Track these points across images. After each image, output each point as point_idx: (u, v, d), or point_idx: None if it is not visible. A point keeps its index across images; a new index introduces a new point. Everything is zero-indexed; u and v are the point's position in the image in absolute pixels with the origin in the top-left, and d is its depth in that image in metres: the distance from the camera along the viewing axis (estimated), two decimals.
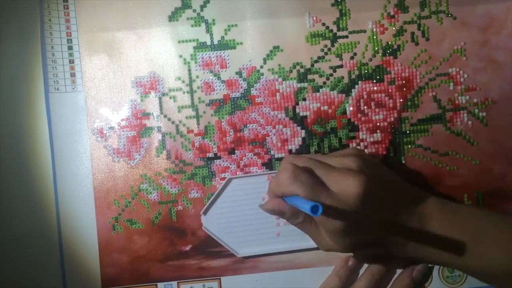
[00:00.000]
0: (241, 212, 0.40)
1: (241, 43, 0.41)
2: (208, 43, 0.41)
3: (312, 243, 0.38)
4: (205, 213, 0.40)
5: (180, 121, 0.41)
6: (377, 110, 0.41)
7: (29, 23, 0.40)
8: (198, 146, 0.41)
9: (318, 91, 0.41)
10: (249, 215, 0.40)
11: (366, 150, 0.41)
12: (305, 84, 0.41)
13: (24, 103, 0.40)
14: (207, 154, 0.41)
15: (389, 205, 0.34)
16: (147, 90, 0.41)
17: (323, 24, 0.41)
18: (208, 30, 0.41)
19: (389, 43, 0.41)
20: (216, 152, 0.41)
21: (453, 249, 0.34)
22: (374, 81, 0.41)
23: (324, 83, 0.41)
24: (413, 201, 0.35)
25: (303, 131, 0.41)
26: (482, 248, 0.34)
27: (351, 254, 0.39)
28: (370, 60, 0.41)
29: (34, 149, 0.40)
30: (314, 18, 0.41)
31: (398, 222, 0.34)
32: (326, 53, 0.41)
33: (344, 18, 0.41)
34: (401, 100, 0.41)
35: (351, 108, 0.41)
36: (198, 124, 0.41)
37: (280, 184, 0.34)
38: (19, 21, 0.40)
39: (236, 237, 0.40)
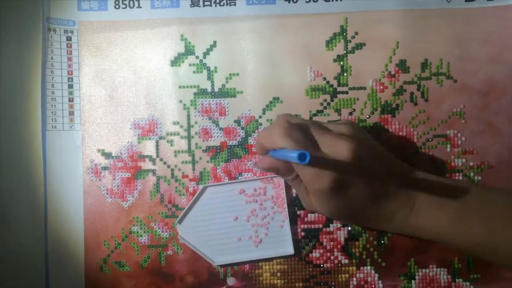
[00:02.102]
0: (217, 220, 0.40)
1: (242, 92, 0.41)
2: (209, 90, 0.41)
3: (288, 250, 0.40)
4: (180, 221, 0.40)
5: (175, 166, 0.41)
6: None
7: (31, 60, 0.40)
8: (192, 191, 0.41)
9: None
10: (225, 223, 0.40)
11: None
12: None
13: (21, 140, 0.40)
14: None
15: (378, 175, 0.34)
16: (145, 132, 0.41)
17: (324, 79, 0.41)
18: (210, 77, 0.41)
19: (388, 101, 0.41)
20: None
21: (438, 224, 0.34)
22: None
23: None
24: (402, 175, 0.36)
25: None
26: (465, 222, 0.34)
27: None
28: (368, 117, 0.41)
29: (28, 186, 0.40)
30: (315, 72, 0.41)
31: (386, 194, 0.34)
32: (325, 107, 0.41)
33: (345, 74, 0.41)
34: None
35: None
36: (193, 169, 0.41)
37: (272, 138, 0.33)
38: (21, 57, 0.40)
39: (212, 246, 0.40)
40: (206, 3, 0.41)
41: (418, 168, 0.37)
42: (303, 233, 0.41)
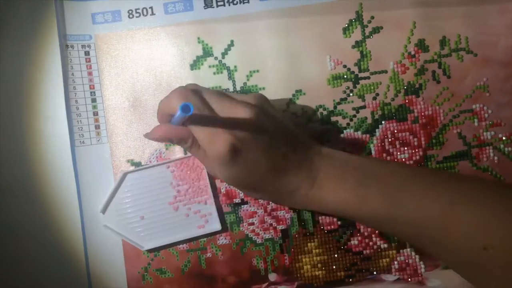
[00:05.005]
0: (141, 206, 0.40)
1: (264, 88, 0.41)
2: (231, 89, 0.41)
3: (215, 227, 0.40)
4: (103, 211, 0.40)
5: None
6: (402, 149, 0.41)
7: (53, 79, 0.40)
8: (224, 192, 0.41)
9: (342, 132, 0.41)
10: (149, 208, 0.40)
11: None
12: (329, 126, 0.41)
13: (51, 160, 0.40)
14: (234, 200, 0.41)
15: (281, 147, 0.34)
16: None
17: (344, 66, 0.41)
18: (231, 77, 0.41)
19: (411, 82, 0.41)
20: (242, 197, 0.41)
21: (338, 195, 0.34)
22: (398, 120, 0.41)
23: (348, 124, 0.41)
24: (307, 149, 0.35)
25: None
26: (364, 192, 0.34)
27: None
28: (393, 99, 0.41)
29: (63, 205, 0.40)
30: (335, 60, 0.41)
31: (288, 167, 0.34)
32: (348, 95, 0.41)
33: (365, 59, 0.41)
34: (425, 138, 0.41)
35: (376, 148, 0.41)
36: None
37: (168, 103, 0.33)
38: (43, 77, 0.40)
39: (140, 231, 0.40)
40: (219, 3, 0.41)
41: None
42: (339, 222, 0.41)
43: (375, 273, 0.41)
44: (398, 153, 0.41)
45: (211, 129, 0.32)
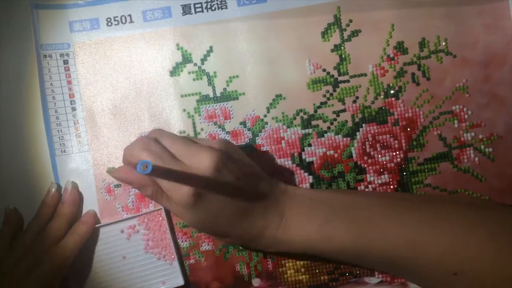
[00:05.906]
0: (102, 263, 0.40)
1: (244, 94, 0.41)
2: (211, 95, 0.41)
3: (178, 282, 0.40)
4: None
5: None
6: (383, 151, 0.41)
7: (31, 89, 0.40)
8: None
9: (323, 136, 0.41)
10: (111, 264, 0.40)
11: None
12: (310, 130, 0.41)
13: (31, 170, 0.40)
14: None
15: (245, 192, 0.34)
16: None
17: (324, 70, 0.41)
18: (210, 83, 0.41)
19: (390, 84, 0.41)
20: None
21: (305, 234, 0.34)
22: (378, 123, 0.41)
23: (329, 128, 0.41)
24: (271, 190, 0.35)
25: (311, 176, 0.41)
26: (331, 228, 0.34)
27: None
28: (373, 102, 0.41)
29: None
30: (315, 64, 0.41)
31: (254, 211, 0.34)
32: (328, 99, 0.41)
33: (344, 62, 0.41)
34: (406, 141, 0.41)
35: (356, 151, 0.41)
36: None
37: (132, 151, 0.33)
38: (21, 89, 0.41)
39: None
40: (197, 9, 0.41)
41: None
42: None
43: (358, 276, 0.41)
44: (379, 156, 0.41)
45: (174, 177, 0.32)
